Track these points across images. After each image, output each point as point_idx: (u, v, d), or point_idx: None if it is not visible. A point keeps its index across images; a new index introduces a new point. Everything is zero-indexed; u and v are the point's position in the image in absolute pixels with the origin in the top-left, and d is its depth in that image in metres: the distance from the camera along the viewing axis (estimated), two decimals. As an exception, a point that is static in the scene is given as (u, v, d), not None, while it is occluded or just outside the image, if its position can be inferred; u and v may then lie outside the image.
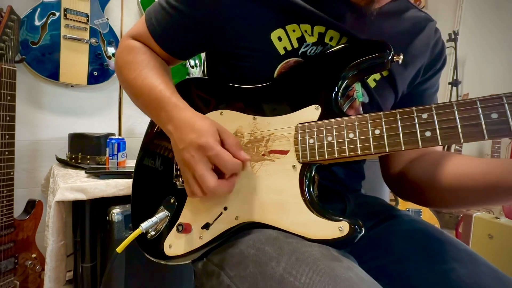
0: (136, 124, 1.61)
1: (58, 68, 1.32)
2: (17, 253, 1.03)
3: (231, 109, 0.51)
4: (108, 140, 1.18)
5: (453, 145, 2.22)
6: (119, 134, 1.58)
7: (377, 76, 0.52)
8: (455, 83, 2.57)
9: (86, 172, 1.06)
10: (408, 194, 0.57)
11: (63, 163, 1.26)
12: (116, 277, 1.00)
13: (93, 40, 1.38)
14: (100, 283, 1.11)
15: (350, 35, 0.48)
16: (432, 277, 0.45)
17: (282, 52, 0.48)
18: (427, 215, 1.92)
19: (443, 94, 2.58)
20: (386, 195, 1.29)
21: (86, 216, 1.06)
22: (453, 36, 2.55)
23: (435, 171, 0.50)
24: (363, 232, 0.38)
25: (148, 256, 0.54)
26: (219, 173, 0.43)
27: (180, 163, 0.44)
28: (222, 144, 0.43)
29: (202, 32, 0.52)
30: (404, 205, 1.93)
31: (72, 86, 1.41)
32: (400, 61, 0.44)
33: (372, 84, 0.52)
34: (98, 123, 1.50)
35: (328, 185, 0.54)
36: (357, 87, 0.51)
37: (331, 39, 0.49)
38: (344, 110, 0.52)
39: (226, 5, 0.48)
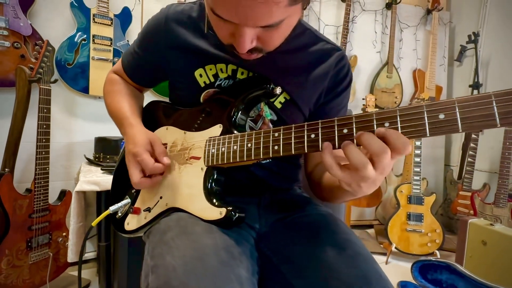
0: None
1: (88, 84, 1.61)
2: (51, 231, 1.32)
3: (173, 125, 0.70)
4: (122, 142, 1.43)
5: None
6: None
7: (282, 99, 0.67)
8: (476, 85, 2.49)
9: (101, 169, 1.32)
10: (312, 190, 0.71)
11: (89, 161, 1.54)
12: (120, 254, 1.23)
13: (116, 59, 1.66)
14: (113, 258, 1.36)
15: (255, 71, 0.64)
16: (307, 255, 0.56)
17: (202, 85, 0.66)
18: (429, 220, 1.93)
19: (461, 97, 2.50)
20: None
21: (102, 204, 1.32)
22: (473, 38, 2.47)
23: (322, 173, 0.64)
24: (236, 215, 0.54)
25: (116, 231, 0.74)
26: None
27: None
28: (154, 152, 0.62)
29: (154, 69, 0.72)
30: (406, 209, 1.96)
31: (99, 98, 1.71)
32: (278, 92, 0.59)
33: (278, 105, 0.67)
34: (121, 128, 1.78)
35: (247, 184, 0.70)
36: (265, 108, 0.67)
37: (242, 74, 0.65)
38: (259, 126, 0.68)
39: (160, 52, 0.67)
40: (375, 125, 0.42)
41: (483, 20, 2.59)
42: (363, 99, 2.28)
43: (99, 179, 1.22)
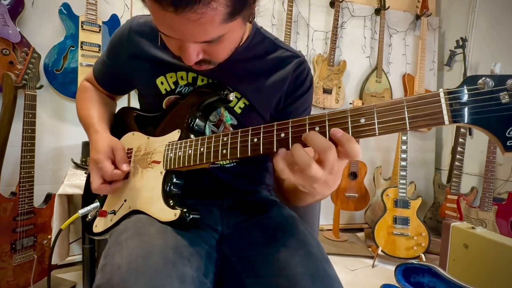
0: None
1: (76, 89, 1.65)
2: (36, 234, 1.34)
3: (138, 131, 0.73)
4: (107, 147, 1.46)
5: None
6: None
7: (241, 104, 0.69)
8: (464, 90, 2.51)
9: (85, 173, 1.35)
10: (279, 194, 0.74)
11: (76, 165, 1.57)
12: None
13: (104, 65, 1.70)
14: (97, 260, 1.38)
15: (214, 78, 0.67)
16: (262, 255, 0.59)
17: (163, 92, 0.68)
18: (415, 223, 1.94)
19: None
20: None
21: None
22: (461, 43, 2.50)
23: None
24: (191, 217, 0.57)
25: (86, 233, 0.76)
26: None
27: None
28: (114, 159, 0.64)
29: (121, 77, 0.75)
30: (392, 213, 1.97)
31: (88, 102, 1.74)
32: (232, 98, 0.61)
33: (238, 110, 0.70)
34: (109, 132, 1.81)
35: (210, 186, 0.73)
36: (225, 113, 0.70)
37: (202, 80, 0.68)
38: (221, 130, 0.71)
39: (125, 62, 0.70)
40: (307, 129, 0.45)
41: (472, 25, 2.62)
42: (350, 103, 2.31)
43: (82, 183, 1.25)
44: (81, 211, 0.72)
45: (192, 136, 0.62)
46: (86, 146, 1.58)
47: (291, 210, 0.75)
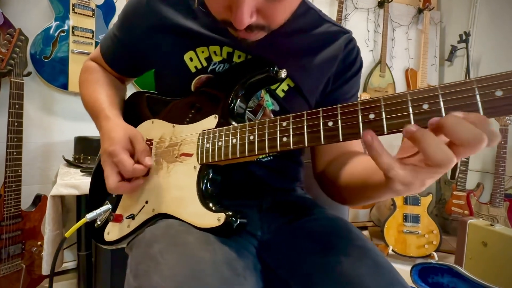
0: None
1: (67, 79, 1.49)
2: (24, 240, 1.19)
3: (159, 118, 0.60)
4: (104, 143, 1.32)
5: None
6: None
7: (284, 86, 0.59)
8: (467, 85, 2.48)
9: (81, 171, 1.21)
10: (326, 191, 0.63)
11: (68, 163, 1.42)
12: (103, 265, 1.12)
13: (98, 53, 1.54)
14: (94, 269, 1.25)
15: (253, 54, 0.55)
16: (321, 267, 0.50)
17: (193, 70, 0.56)
18: (426, 221, 1.88)
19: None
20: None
21: (82, 209, 1.20)
22: (464, 37, 2.47)
23: (338, 171, 0.56)
24: (238, 222, 0.46)
25: (94, 241, 0.64)
26: None
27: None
28: (133, 151, 0.52)
29: (136, 55, 0.62)
30: (402, 210, 1.91)
31: (80, 94, 1.59)
32: (283, 76, 0.50)
33: (280, 94, 0.59)
34: (104, 127, 1.66)
35: (245, 184, 0.62)
36: (266, 97, 0.58)
37: (239, 57, 0.57)
38: (259, 117, 0.60)
39: (143, 36, 0.58)
40: (410, 108, 0.35)
41: (473, 20, 2.60)
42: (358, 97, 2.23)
43: (78, 182, 1.11)
44: (90, 215, 0.60)
45: (233, 122, 0.50)
46: (79, 142, 1.43)
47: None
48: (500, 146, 1.89)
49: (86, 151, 1.39)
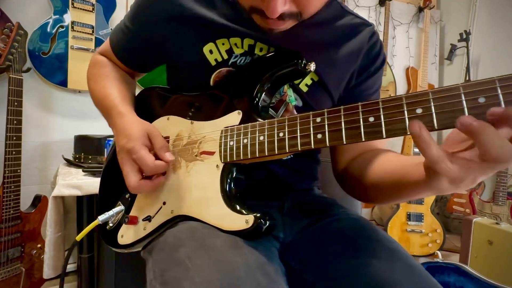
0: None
1: (67, 76, 1.45)
2: (24, 243, 1.15)
3: (176, 114, 0.57)
4: (106, 141, 1.28)
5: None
6: (124, 136, 1.69)
7: (308, 81, 0.56)
8: (467, 84, 2.49)
9: (83, 171, 1.17)
10: (349, 190, 0.61)
11: (68, 162, 1.38)
12: (106, 268, 1.08)
13: (98, 49, 1.50)
14: (97, 271, 1.21)
15: (276, 46, 0.53)
16: (351, 270, 0.48)
17: (213, 63, 0.53)
18: (429, 220, 1.88)
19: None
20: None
21: (84, 211, 1.16)
22: (464, 36, 2.47)
23: (364, 168, 0.53)
24: (267, 225, 0.43)
25: (107, 245, 0.61)
26: None
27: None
28: (152, 147, 0.49)
29: (149, 48, 0.59)
30: (406, 209, 1.90)
31: (79, 92, 1.54)
32: (312, 69, 0.48)
33: (304, 88, 0.56)
34: (104, 126, 1.61)
35: (266, 184, 0.59)
36: (289, 92, 0.56)
37: (261, 50, 0.54)
38: (281, 113, 0.57)
39: (159, 26, 0.54)
40: (464, 102, 0.32)
41: (473, 19, 2.60)
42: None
43: (80, 182, 1.07)
44: (102, 217, 0.57)
45: (258, 119, 0.48)
46: (79, 140, 1.38)
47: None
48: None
49: (86, 150, 1.35)
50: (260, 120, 0.47)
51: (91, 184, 1.09)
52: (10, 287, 1.11)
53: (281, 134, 0.43)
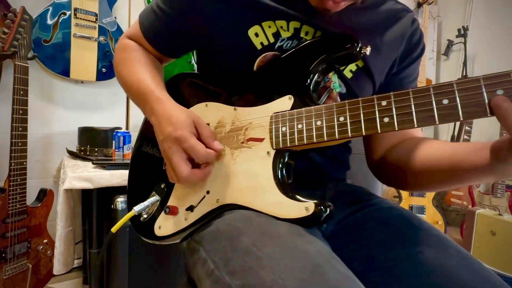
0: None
1: (69, 65, 1.39)
2: (30, 238, 1.10)
3: (215, 101, 0.55)
4: (114, 133, 1.24)
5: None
6: (127, 128, 1.65)
7: (353, 67, 0.55)
8: (464, 79, 2.53)
9: (93, 163, 1.13)
10: (387, 179, 0.60)
11: (73, 155, 1.33)
12: (118, 264, 1.05)
13: (101, 38, 1.45)
14: (107, 267, 1.17)
15: (323, 29, 0.51)
16: (402, 259, 0.47)
17: (259, 47, 0.51)
18: (431, 212, 1.91)
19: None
20: (379, 189, 1.30)
21: (93, 205, 1.12)
22: (462, 32, 2.51)
23: (409, 156, 0.52)
24: (328, 212, 0.42)
25: (141, 237, 0.58)
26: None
27: (162, 153, 0.49)
28: (198, 135, 0.47)
29: (186, 31, 0.56)
30: (408, 201, 1.93)
31: (82, 82, 1.49)
32: (368, 53, 0.46)
33: (348, 75, 0.55)
34: (107, 118, 1.57)
35: (307, 173, 0.58)
36: (334, 78, 0.54)
37: (306, 33, 0.52)
38: (323, 100, 0.55)
39: (201, 6, 0.52)
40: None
41: (470, 15, 2.64)
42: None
43: (91, 175, 1.03)
44: (137, 208, 0.54)
45: (311, 104, 0.46)
46: (84, 132, 1.34)
47: None
48: (500, 136, 1.94)
49: (92, 143, 1.31)
50: (312, 105, 0.45)
51: (102, 177, 1.06)
52: (17, 284, 1.07)
53: (341, 119, 0.42)
